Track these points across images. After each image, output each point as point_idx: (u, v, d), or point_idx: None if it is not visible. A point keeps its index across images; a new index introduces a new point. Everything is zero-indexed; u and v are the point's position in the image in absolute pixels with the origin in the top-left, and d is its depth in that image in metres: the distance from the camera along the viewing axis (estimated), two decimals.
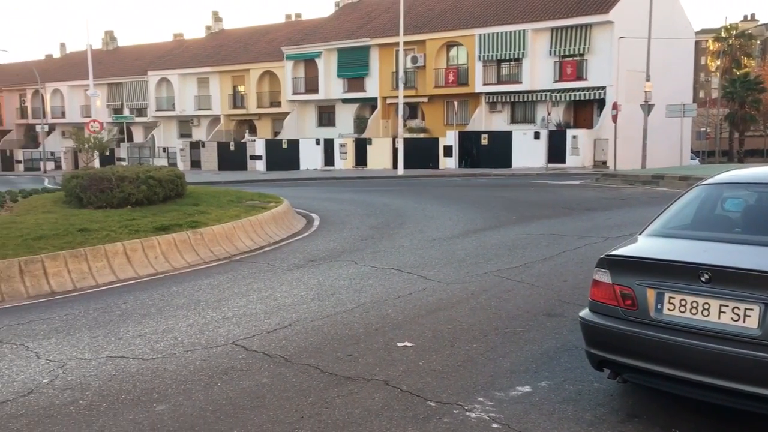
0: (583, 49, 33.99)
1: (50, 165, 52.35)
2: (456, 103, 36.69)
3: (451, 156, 35.39)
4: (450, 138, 35.54)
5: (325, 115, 44.25)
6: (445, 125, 38.41)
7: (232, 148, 43.45)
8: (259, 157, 41.59)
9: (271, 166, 40.66)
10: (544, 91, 35.07)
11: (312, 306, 7.47)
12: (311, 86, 43.06)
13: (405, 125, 34.03)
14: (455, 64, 38.62)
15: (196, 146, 45.21)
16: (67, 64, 59.58)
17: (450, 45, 38.59)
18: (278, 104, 45.03)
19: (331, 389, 4.99)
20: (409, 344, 5.98)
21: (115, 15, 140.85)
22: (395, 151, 34.72)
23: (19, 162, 55.25)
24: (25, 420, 4.58)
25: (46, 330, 6.89)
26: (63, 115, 55.93)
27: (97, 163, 35.55)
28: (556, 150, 32.08)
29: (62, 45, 65.95)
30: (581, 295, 7.48)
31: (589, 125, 34.96)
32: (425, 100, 39.51)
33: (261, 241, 12.17)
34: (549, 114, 32.36)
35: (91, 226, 11.03)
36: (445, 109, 39.41)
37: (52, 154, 53.88)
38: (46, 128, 53.69)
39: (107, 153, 38.18)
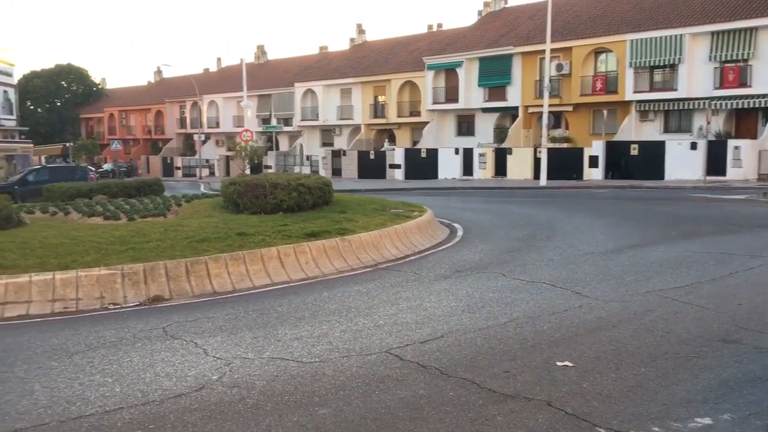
0: (747, 54, 31.46)
1: (205, 171, 56.13)
2: (605, 112, 35.22)
3: (597, 167, 33.96)
4: (596, 148, 34.11)
5: (465, 124, 44.07)
6: (591, 135, 36.94)
7: (372, 156, 44.37)
8: (398, 166, 42.13)
9: (409, 175, 41.06)
10: (702, 98, 32.80)
11: (463, 318, 7.34)
12: (451, 95, 43.07)
13: (548, 134, 33.09)
14: (603, 71, 37.09)
15: (337, 154, 46.64)
16: (222, 77, 63.70)
17: (598, 51, 37.14)
18: (418, 113, 45.46)
19: (491, 406, 4.83)
20: (569, 364, 5.69)
21: (266, 30, 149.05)
22: (536, 161, 33.84)
23: (178, 168, 59.67)
24: (199, 414, 4.80)
25: (211, 328, 7.26)
26: (217, 124, 59.78)
27: (248, 171, 37.62)
28: (716, 162, 29.85)
29: (218, 60, 70.58)
30: (760, 321, 6.83)
31: (753, 135, 32.25)
32: (570, 108, 38.25)
33: (406, 249, 12.22)
34: (708, 123, 30.18)
35: (248, 230, 11.59)
36: (591, 118, 37.93)
37: (207, 161, 57.75)
38: (203, 137, 57.65)
39: (256, 161, 40.29)
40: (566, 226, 15.13)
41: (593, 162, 34.03)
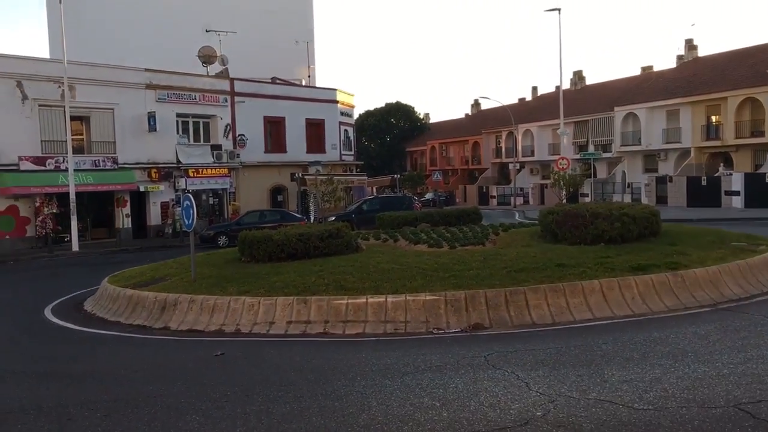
0: None
1: (519, 200, 56.74)
2: None
3: None
4: None
5: None
6: None
7: (703, 182, 40.29)
8: (736, 193, 37.53)
9: (750, 203, 36.27)
10: None
11: None
12: None
13: None
14: None
15: (662, 181, 43.33)
16: (537, 105, 64.11)
17: None
18: (761, 134, 40.09)
19: None
20: None
21: (583, 55, 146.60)
22: None
23: (493, 197, 61.34)
24: None
25: (532, 361, 7.11)
26: (532, 153, 60.15)
27: (564, 199, 37.02)
28: None
29: (534, 88, 71.18)
30: None
31: None
32: None
33: (752, 288, 10.66)
34: None
35: (567, 261, 11.22)
36: None
37: (521, 189, 58.36)
38: (517, 166, 58.51)
39: (572, 189, 39.44)
40: None
41: None
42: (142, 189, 32.16)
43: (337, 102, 43.41)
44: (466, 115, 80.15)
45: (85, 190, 29.11)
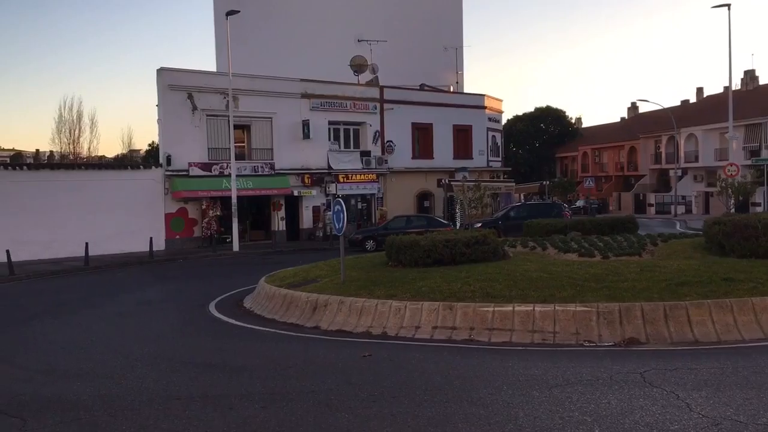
0: None
1: (681, 209, 53.20)
2: None
3: None
4: None
5: None
6: None
7: None
8: None
9: None
10: None
11: None
12: None
13: None
14: None
15: None
16: (702, 108, 59.79)
17: None
18: None
19: None
20: None
21: (756, 53, 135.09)
22: None
23: (651, 205, 57.95)
24: None
25: (693, 381, 6.63)
26: (696, 158, 56.17)
27: (732, 209, 34.28)
28: None
29: (698, 89, 66.51)
30: None
31: None
32: None
33: None
34: None
35: (736, 275, 10.37)
36: None
37: (683, 197, 54.68)
38: (679, 172, 54.84)
39: (742, 198, 36.35)
40: None
41: None
42: (296, 193, 33.77)
43: (484, 108, 43.13)
44: (622, 118, 76.57)
45: (246, 194, 31.04)
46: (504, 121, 52.00)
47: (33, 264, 24.15)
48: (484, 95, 43.65)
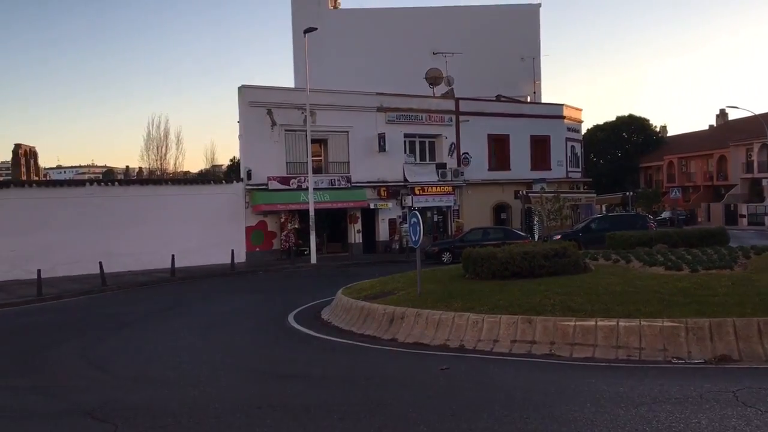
0: None
1: None
2: None
3: None
4: None
5: None
6: None
7: None
8: None
9: None
10: None
11: None
12: None
13: None
14: None
15: None
16: None
17: None
18: None
19: None
20: None
21: None
22: None
23: (743, 216, 55.18)
24: None
25: None
26: None
27: None
28: None
29: None
30: None
31: None
32: None
33: None
34: None
35: None
36: None
37: None
38: None
39: None
40: None
41: None
42: (372, 206, 34.00)
43: (563, 117, 42.28)
44: (710, 126, 73.43)
45: (323, 207, 31.50)
46: (584, 130, 50.79)
47: (123, 275, 25.28)
48: (562, 105, 42.82)
